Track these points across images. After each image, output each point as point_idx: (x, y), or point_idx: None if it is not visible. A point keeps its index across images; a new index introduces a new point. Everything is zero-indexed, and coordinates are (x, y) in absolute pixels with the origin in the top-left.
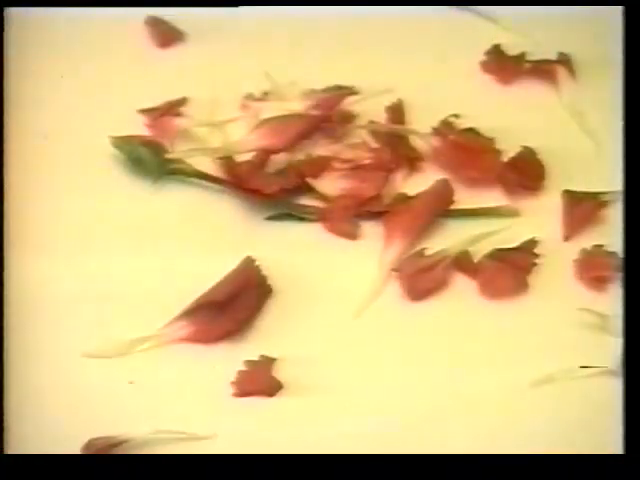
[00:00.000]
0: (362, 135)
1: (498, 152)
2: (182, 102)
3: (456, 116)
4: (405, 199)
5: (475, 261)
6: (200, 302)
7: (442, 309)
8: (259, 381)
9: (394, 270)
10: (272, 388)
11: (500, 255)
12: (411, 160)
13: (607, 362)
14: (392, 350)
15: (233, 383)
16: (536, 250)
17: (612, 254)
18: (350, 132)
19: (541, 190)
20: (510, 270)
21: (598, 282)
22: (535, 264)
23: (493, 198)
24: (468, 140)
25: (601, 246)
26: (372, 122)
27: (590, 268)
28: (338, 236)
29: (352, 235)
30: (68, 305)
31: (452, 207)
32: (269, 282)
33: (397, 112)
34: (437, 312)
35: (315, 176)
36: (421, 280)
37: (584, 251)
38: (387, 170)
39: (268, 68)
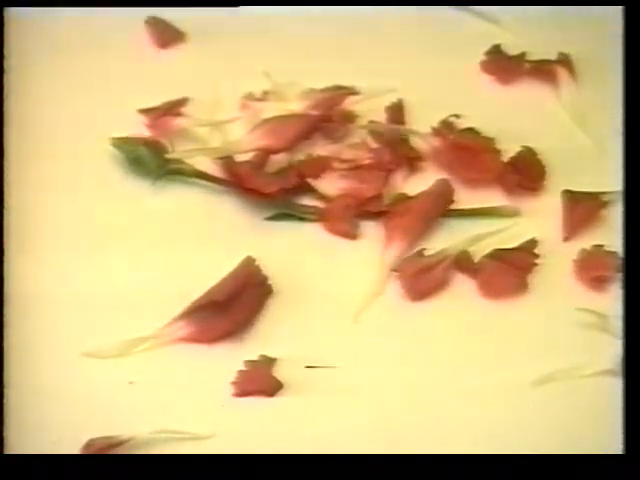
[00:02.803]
0: (362, 135)
1: (498, 152)
2: (182, 102)
3: (457, 116)
4: (405, 199)
5: (475, 261)
6: (200, 302)
7: (442, 309)
8: (259, 381)
9: (394, 270)
10: (272, 388)
11: (500, 255)
12: (411, 160)
13: (607, 362)
14: (392, 350)
15: (233, 383)
16: (536, 250)
17: (612, 254)
18: (350, 132)
19: (541, 190)
20: (510, 270)
21: (598, 282)
22: (535, 264)
23: (493, 198)
24: (468, 140)
25: (601, 246)
26: (372, 122)
27: (590, 268)
28: (338, 236)
29: (352, 235)
30: (68, 305)
31: (452, 207)
32: (269, 282)
33: (397, 112)
34: (437, 312)
35: (316, 176)
36: (421, 280)
37: (584, 251)
38: (387, 170)
39: (268, 68)
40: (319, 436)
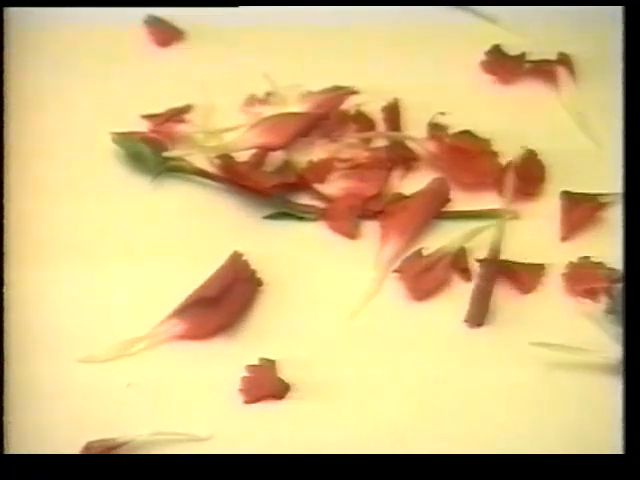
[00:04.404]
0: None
1: (495, 155)
2: (185, 109)
3: (442, 113)
4: (401, 198)
5: (475, 263)
6: (191, 299)
7: (443, 308)
8: (266, 385)
9: (396, 271)
10: (280, 390)
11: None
12: (408, 160)
13: (607, 361)
14: (393, 349)
15: (241, 390)
16: (536, 252)
17: (607, 267)
18: (348, 131)
19: (540, 194)
20: (509, 273)
21: (593, 293)
22: (536, 266)
23: (492, 201)
24: (464, 144)
25: (597, 261)
26: (370, 123)
27: (585, 279)
28: (340, 235)
29: (353, 234)
30: (68, 306)
31: (449, 209)
32: (267, 281)
33: (394, 112)
34: (439, 311)
35: (321, 181)
36: (424, 280)
37: (582, 259)
38: (387, 169)
39: (268, 68)
40: (317, 436)
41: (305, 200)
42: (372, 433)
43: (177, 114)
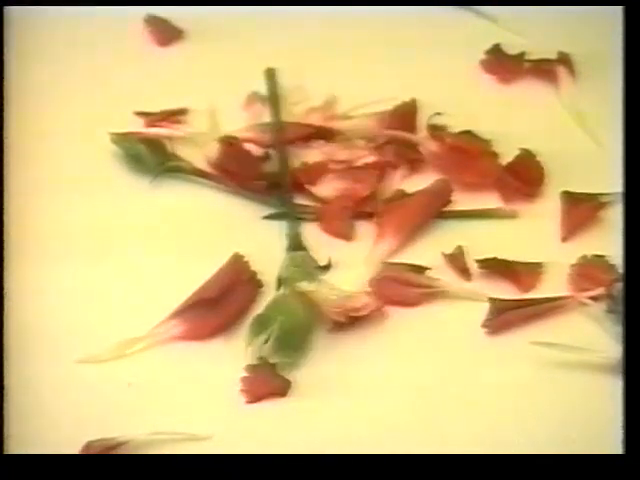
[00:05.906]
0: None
1: (496, 156)
2: (185, 109)
3: (439, 114)
4: (401, 197)
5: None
6: (191, 300)
7: (443, 308)
8: (266, 386)
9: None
10: (282, 388)
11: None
12: (409, 161)
13: (607, 361)
14: (393, 349)
15: (241, 391)
16: (536, 252)
17: (607, 267)
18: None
19: (539, 195)
20: (508, 273)
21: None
22: (536, 265)
23: (492, 201)
24: (465, 144)
25: (598, 261)
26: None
27: (585, 278)
28: (334, 237)
29: (348, 236)
30: (68, 306)
31: (450, 209)
32: (267, 281)
33: (396, 113)
34: (439, 311)
35: (313, 183)
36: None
37: (584, 258)
38: (381, 168)
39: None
40: (317, 436)
41: (305, 200)
42: (373, 433)
43: (177, 114)
